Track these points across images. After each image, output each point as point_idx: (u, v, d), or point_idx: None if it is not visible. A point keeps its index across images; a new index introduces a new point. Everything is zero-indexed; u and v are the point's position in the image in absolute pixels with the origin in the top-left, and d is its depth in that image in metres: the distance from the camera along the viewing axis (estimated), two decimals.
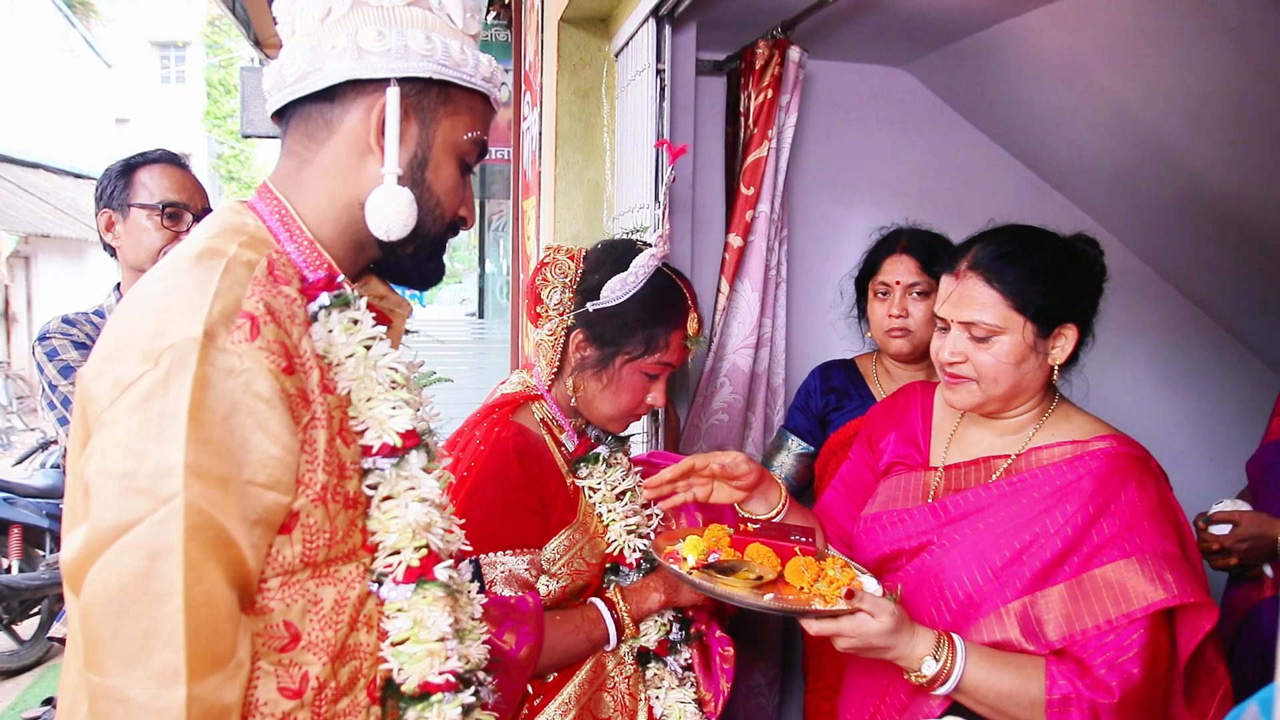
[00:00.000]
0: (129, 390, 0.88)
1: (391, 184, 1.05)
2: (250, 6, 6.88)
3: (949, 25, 2.63)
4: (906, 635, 1.36)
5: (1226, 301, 3.18)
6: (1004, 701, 1.36)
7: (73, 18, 18.79)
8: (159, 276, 0.98)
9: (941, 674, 1.36)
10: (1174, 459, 3.10)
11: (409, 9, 1.06)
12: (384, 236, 1.06)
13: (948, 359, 1.51)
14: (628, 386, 1.61)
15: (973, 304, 1.47)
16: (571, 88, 2.85)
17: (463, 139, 1.11)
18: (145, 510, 0.85)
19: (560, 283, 1.63)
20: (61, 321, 2.11)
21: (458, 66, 1.07)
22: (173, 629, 0.84)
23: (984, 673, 1.36)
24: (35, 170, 14.82)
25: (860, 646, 1.35)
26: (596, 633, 1.60)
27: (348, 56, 1.03)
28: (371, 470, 1.05)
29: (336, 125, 1.07)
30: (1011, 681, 1.36)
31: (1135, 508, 1.40)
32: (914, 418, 1.71)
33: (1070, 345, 1.49)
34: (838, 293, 2.60)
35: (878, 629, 1.33)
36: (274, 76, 1.09)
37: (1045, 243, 1.52)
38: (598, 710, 1.62)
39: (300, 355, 0.98)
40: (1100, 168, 2.91)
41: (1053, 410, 1.55)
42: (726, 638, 1.76)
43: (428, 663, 1.05)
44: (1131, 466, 1.45)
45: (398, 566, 1.04)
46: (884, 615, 1.34)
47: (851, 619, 1.34)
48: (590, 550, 1.64)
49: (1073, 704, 1.33)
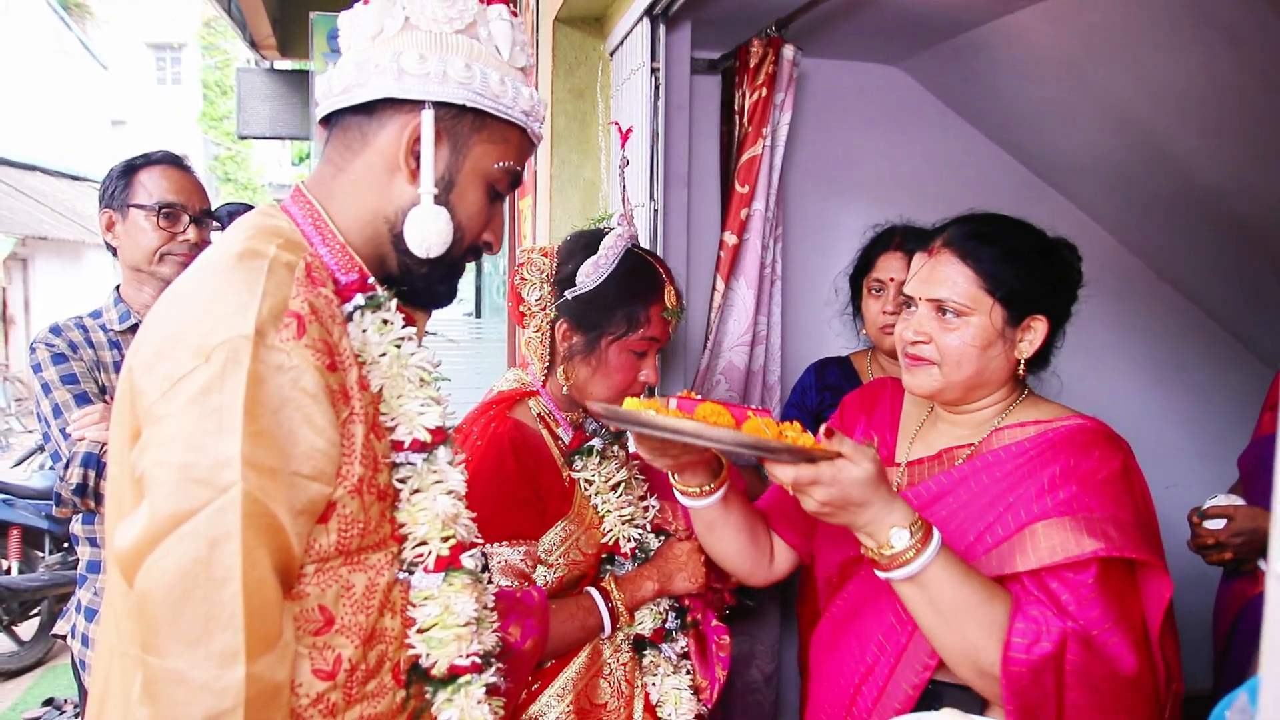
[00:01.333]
0: (180, 384, 0.91)
1: (429, 203, 1.08)
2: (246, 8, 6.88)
3: (943, 23, 2.64)
4: (886, 495, 1.24)
5: (1221, 297, 3.19)
6: (961, 609, 1.24)
7: (68, 19, 18.77)
8: (201, 276, 1.01)
9: (908, 552, 1.23)
10: (1169, 454, 3.15)
11: (456, 36, 1.09)
12: (423, 254, 1.10)
13: (911, 337, 1.45)
14: (617, 366, 1.65)
15: (944, 281, 1.42)
16: (567, 87, 2.86)
17: (494, 167, 1.13)
18: (205, 499, 0.89)
19: (538, 279, 1.68)
20: (49, 331, 2.11)
21: (495, 98, 1.10)
22: (232, 611, 0.88)
23: (951, 572, 1.24)
24: (32, 172, 14.80)
25: (837, 500, 1.22)
26: (591, 621, 1.63)
27: (389, 75, 1.07)
28: (402, 464, 1.10)
29: (371, 139, 1.10)
30: (979, 592, 1.25)
31: (1094, 474, 1.34)
32: (883, 412, 1.66)
33: (1039, 339, 1.43)
34: (833, 290, 2.62)
35: (859, 475, 1.21)
36: (324, 86, 1.13)
37: (1023, 230, 1.48)
38: (594, 696, 1.66)
39: (340, 353, 1.02)
40: (1095, 164, 2.92)
41: (1019, 402, 1.49)
42: (723, 627, 1.80)
43: (455, 646, 1.10)
44: (1096, 438, 1.40)
45: (428, 556, 1.09)
46: (865, 462, 1.22)
47: (830, 464, 1.21)
48: (586, 541, 1.68)
49: (1040, 625, 1.23)
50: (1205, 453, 3.16)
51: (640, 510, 1.76)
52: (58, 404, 1.99)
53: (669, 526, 1.81)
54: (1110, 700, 1.26)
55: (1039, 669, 1.22)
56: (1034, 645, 1.22)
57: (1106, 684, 1.25)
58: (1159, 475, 2.92)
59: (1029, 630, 1.23)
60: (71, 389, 2.01)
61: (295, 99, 7.49)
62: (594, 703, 1.66)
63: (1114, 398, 3.13)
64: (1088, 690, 1.24)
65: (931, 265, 1.46)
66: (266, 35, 7.50)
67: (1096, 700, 1.25)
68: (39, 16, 17.25)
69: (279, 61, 8.05)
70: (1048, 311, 1.44)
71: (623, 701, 1.68)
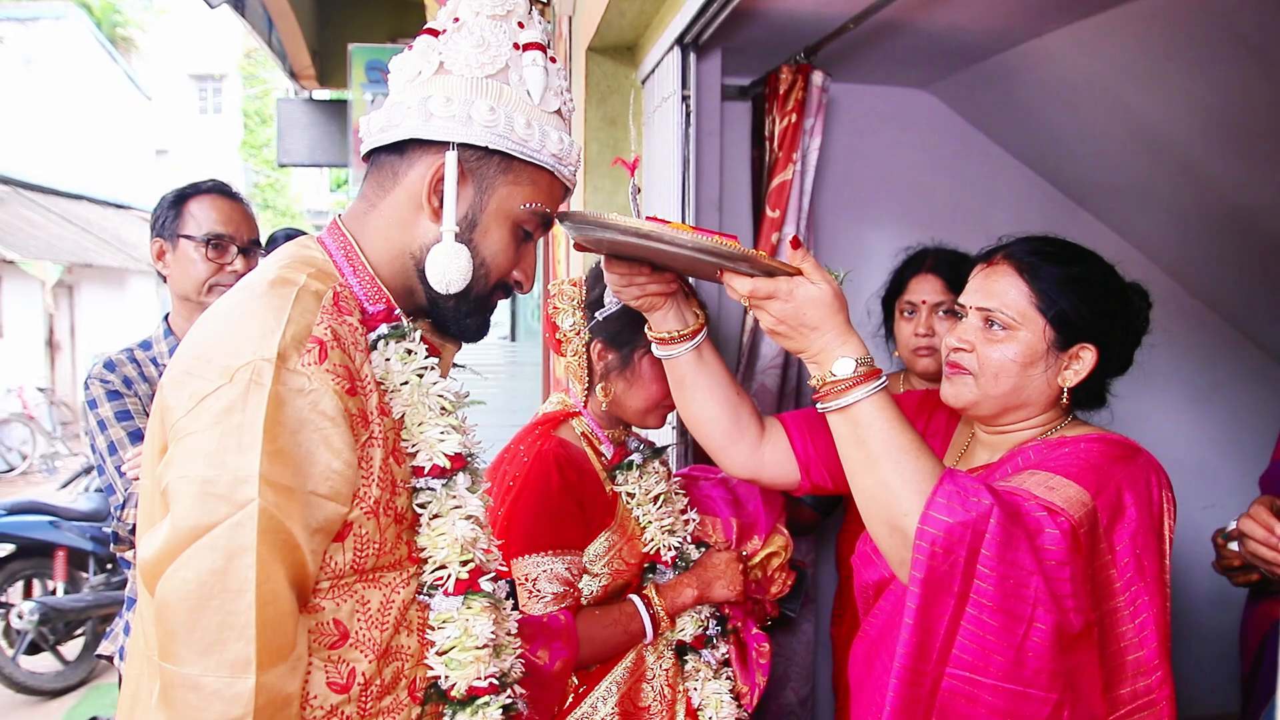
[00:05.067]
0: (205, 402, 0.96)
1: (450, 240, 1.12)
2: (286, 40, 7.05)
3: (970, 48, 2.66)
4: (842, 324, 1.24)
5: (1256, 315, 3.16)
6: (887, 454, 1.21)
7: (114, 52, 19.29)
8: (236, 300, 1.06)
9: (846, 383, 1.22)
10: (1206, 475, 3.12)
11: (487, 80, 1.14)
12: (443, 290, 1.14)
13: (954, 344, 1.42)
14: (652, 377, 1.72)
15: (995, 292, 1.40)
16: (599, 115, 2.91)
17: (519, 208, 1.17)
18: (224, 513, 0.93)
19: (569, 307, 1.76)
20: (103, 367, 2.13)
21: (521, 141, 1.14)
22: (245, 622, 0.92)
23: (886, 415, 1.22)
24: (78, 201, 15.18)
25: (791, 317, 1.23)
26: (634, 626, 1.70)
27: (418, 117, 1.12)
28: (422, 489, 1.13)
29: (401, 178, 1.15)
30: (911, 445, 1.22)
31: (1090, 455, 1.30)
32: (939, 424, 1.63)
33: (1085, 370, 1.39)
34: (865, 312, 2.63)
35: (816, 295, 1.21)
36: (365, 125, 1.18)
37: (1090, 259, 1.44)
38: (638, 699, 1.73)
39: (361, 379, 1.06)
40: (1125, 185, 2.92)
41: (1062, 427, 1.44)
42: (763, 635, 1.86)
43: (474, 668, 1.13)
44: (1115, 449, 1.34)
45: (448, 579, 1.13)
46: (823, 283, 1.22)
47: (789, 280, 1.22)
48: (629, 551, 1.76)
49: (967, 491, 1.17)
50: (1244, 473, 3.11)
51: (681, 522, 1.83)
52: (113, 442, 2.03)
53: (708, 539, 1.89)
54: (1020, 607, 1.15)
55: (954, 538, 1.15)
56: (955, 510, 1.15)
57: (1026, 590, 1.16)
58: (1196, 496, 2.92)
59: (955, 494, 1.17)
60: (126, 426, 2.05)
61: (333, 128, 7.65)
62: (638, 705, 1.73)
63: (1149, 417, 3.10)
64: (999, 581, 1.14)
65: (986, 275, 1.43)
66: (306, 66, 7.68)
67: (1004, 601, 1.15)
68: (85, 50, 17.74)
69: (317, 91, 8.23)
70: (1099, 343, 1.39)
71: (665, 705, 1.75)
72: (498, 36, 1.14)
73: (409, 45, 1.18)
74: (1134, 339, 1.46)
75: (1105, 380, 1.45)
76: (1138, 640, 1.29)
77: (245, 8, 6.02)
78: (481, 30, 1.14)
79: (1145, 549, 1.29)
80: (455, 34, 1.14)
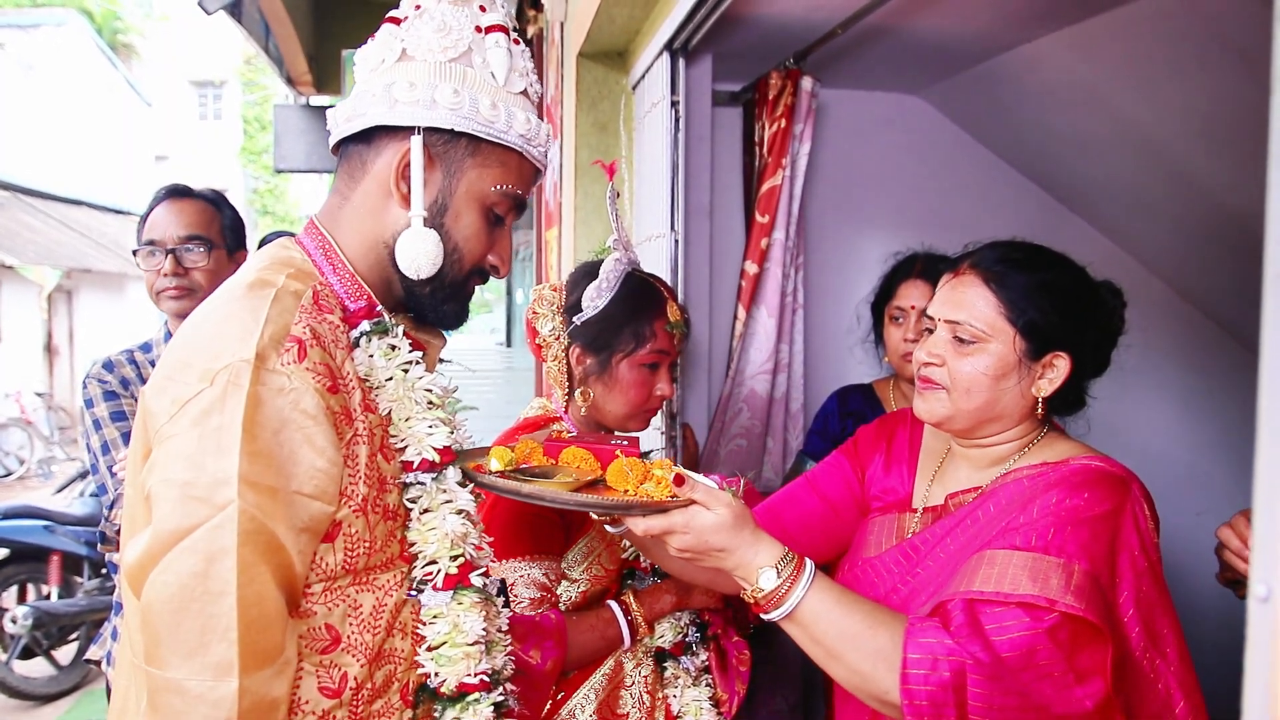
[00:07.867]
0: (187, 406, 0.96)
1: (419, 225, 1.12)
2: (283, 46, 7.06)
3: (961, 52, 2.66)
4: (749, 536, 1.22)
5: (1248, 320, 3.15)
6: (843, 642, 1.19)
7: (114, 59, 19.32)
8: (216, 304, 1.06)
9: (779, 593, 1.20)
10: (1198, 481, 3.11)
11: (451, 64, 1.13)
12: (413, 275, 1.13)
13: (924, 359, 1.39)
14: (630, 383, 1.72)
15: (964, 304, 1.36)
16: (590, 120, 2.91)
17: (490, 190, 1.16)
18: (203, 516, 0.93)
19: (549, 312, 1.76)
20: (101, 367, 2.13)
21: (487, 123, 1.13)
22: (227, 625, 0.92)
23: (828, 604, 1.20)
24: (78, 206, 15.20)
25: (695, 546, 1.20)
26: (611, 633, 1.68)
27: (382, 104, 1.11)
28: (412, 484, 1.12)
29: (369, 166, 1.15)
30: (859, 622, 1.20)
31: (1076, 513, 1.25)
32: (900, 447, 1.59)
33: (1060, 378, 1.35)
34: (854, 318, 2.63)
35: (713, 521, 1.19)
36: (332, 117, 1.18)
37: (1059, 263, 1.39)
38: (616, 706, 1.71)
39: (343, 376, 1.05)
40: (1117, 189, 2.92)
41: (1039, 441, 1.40)
42: (743, 642, 1.84)
43: (464, 664, 1.12)
44: (1097, 478, 1.29)
45: (437, 574, 1.12)
46: (719, 507, 1.20)
47: (683, 512, 1.20)
48: (608, 557, 1.74)
49: (934, 653, 1.15)
50: (1238, 480, 3.12)
51: None
52: (106, 441, 2.04)
53: None
54: None
55: (939, 700, 1.15)
56: (930, 675, 1.15)
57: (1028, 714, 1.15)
58: (1189, 502, 2.91)
59: (923, 661, 1.16)
60: (120, 426, 2.05)
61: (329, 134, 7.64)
62: (616, 712, 1.71)
63: (1141, 424, 3.11)
64: (998, 716, 1.15)
65: (953, 286, 1.40)
66: (302, 72, 7.69)
67: None
68: (86, 56, 17.78)
69: (314, 97, 8.24)
70: (1073, 351, 1.35)
71: (644, 712, 1.73)
72: (459, 20, 1.14)
73: (372, 36, 1.17)
74: (1109, 340, 1.43)
75: (1082, 384, 1.42)
76: (1167, 700, 1.27)
77: (242, 14, 6.03)
78: (443, 15, 1.13)
79: (1150, 606, 1.27)
80: (416, 20, 1.13)
